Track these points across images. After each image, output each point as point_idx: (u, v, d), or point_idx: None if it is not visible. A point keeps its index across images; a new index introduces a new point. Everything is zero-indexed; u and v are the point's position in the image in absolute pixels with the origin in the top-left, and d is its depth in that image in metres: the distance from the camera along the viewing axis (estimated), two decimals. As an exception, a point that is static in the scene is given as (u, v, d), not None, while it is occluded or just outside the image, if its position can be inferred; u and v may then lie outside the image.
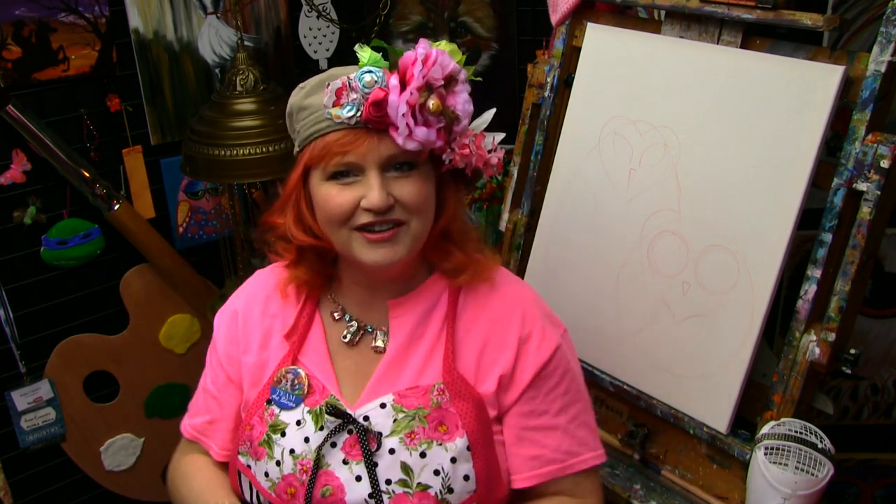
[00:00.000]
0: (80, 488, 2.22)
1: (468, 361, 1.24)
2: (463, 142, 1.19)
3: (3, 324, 1.98)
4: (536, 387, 1.24)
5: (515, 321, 1.26)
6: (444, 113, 1.14)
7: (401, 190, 1.15)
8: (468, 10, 2.17)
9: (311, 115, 1.17)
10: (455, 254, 1.26)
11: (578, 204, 1.64)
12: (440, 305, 1.27)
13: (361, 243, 1.17)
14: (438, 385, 1.22)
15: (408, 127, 1.11)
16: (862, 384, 2.03)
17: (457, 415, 1.21)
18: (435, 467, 1.18)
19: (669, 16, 1.53)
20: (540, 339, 1.25)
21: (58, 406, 2.10)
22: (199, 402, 1.38)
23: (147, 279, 2.18)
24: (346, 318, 1.29)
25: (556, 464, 1.25)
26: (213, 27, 2.14)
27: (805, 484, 1.26)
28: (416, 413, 1.21)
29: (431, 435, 1.19)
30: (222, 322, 1.37)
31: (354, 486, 1.18)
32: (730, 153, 1.43)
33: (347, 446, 1.20)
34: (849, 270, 1.31)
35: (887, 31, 1.26)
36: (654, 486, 1.54)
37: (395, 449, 1.19)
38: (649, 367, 1.55)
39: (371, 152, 1.14)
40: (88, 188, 1.96)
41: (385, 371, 1.24)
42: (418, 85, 1.11)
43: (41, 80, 1.90)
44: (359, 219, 1.16)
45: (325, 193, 1.17)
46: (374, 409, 1.21)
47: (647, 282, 1.54)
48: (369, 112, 1.12)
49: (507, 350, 1.24)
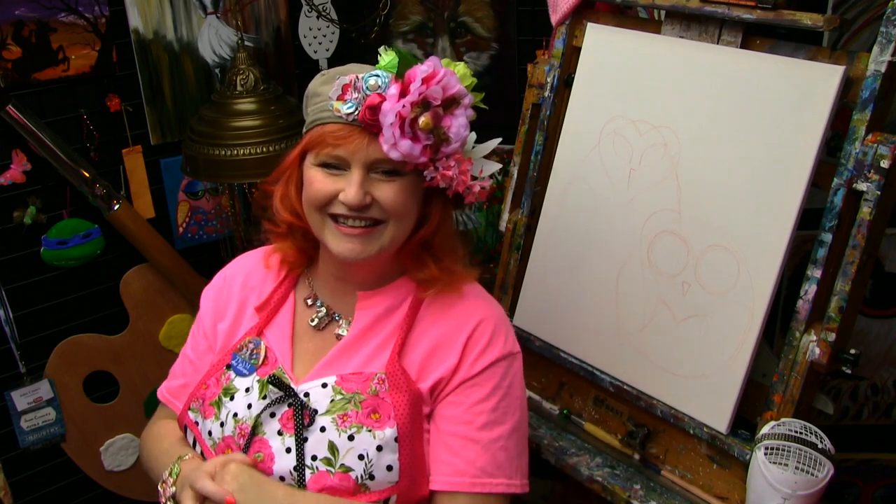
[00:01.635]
0: (80, 488, 2.22)
1: (414, 358, 1.28)
2: (449, 163, 1.22)
3: (3, 324, 1.98)
4: (464, 393, 1.27)
5: (468, 326, 1.29)
6: (435, 132, 1.17)
7: (381, 192, 1.21)
8: (468, 10, 2.17)
9: (320, 102, 1.23)
10: (430, 266, 1.30)
11: (578, 204, 1.64)
12: (405, 304, 1.32)
13: (333, 232, 1.24)
14: (380, 374, 1.26)
15: (393, 136, 1.15)
16: (862, 384, 2.03)
17: (391, 405, 1.24)
18: (360, 452, 1.22)
19: (669, 16, 1.53)
20: (482, 349, 1.28)
21: (58, 406, 2.10)
22: (177, 367, 1.46)
23: (147, 279, 2.18)
24: (318, 303, 1.36)
25: (467, 476, 1.25)
26: (213, 27, 2.14)
27: (805, 484, 1.26)
28: (353, 397, 1.25)
29: (363, 420, 1.23)
30: (209, 293, 1.45)
31: (283, 456, 1.23)
32: (730, 153, 1.43)
33: (284, 419, 1.25)
34: (849, 270, 1.31)
35: (887, 31, 1.26)
36: (654, 486, 1.54)
37: (326, 427, 1.23)
38: (649, 367, 1.55)
39: (359, 151, 1.19)
40: (88, 188, 1.96)
41: (336, 355, 1.30)
42: (413, 100, 1.15)
43: (41, 80, 1.90)
44: (334, 208, 1.22)
45: (312, 176, 1.23)
46: (315, 388, 1.27)
47: (647, 282, 1.54)
48: (365, 114, 1.17)
49: (453, 354, 1.28)
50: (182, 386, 1.42)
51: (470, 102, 1.21)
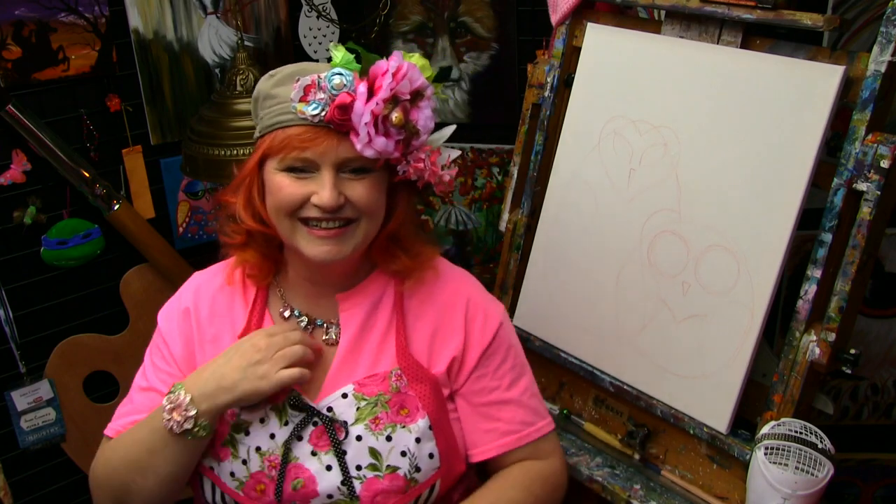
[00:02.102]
0: (81, 488, 2.21)
1: (420, 346, 1.30)
2: (419, 156, 1.22)
3: (3, 324, 1.98)
4: (484, 365, 1.31)
5: (461, 305, 1.32)
6: (406, 126, 1.17)
7: (353, 191, 1.19)
8: (468, 10, 2.17)
9: (277, 104, 1.19)
10: (401, 258, 1.30)
11: (578, 204, 1.65)
12: (387, 296, 1.32)
13: (305, 237, 1.20)
14: (395, 370, 1.27)
15: (368, 135, 1.14)
16: (862, 384, 2.03)
17: (416, 397, 1.26)
18: (401, 449, 1.23)
19: (669, 16, 1.53)
20: (484, 320, 1.33)
21: (58, 406, 2.10)
22: (136, 401, 1.33)
23: (147, 279, 2.18)
24: (296, 313, 1.32)
25: (513, 434, 1.32)
26: (213, 27, 2.14)
27: (805, 484, 1.26)
28: (378, 399, 1.26)
29: (394, 419, 1.25)
30: (172, 321, 1.36)
31: (325, 475, 1.22)
32: (730, 153, 1.43)
33: (314, 438, 1.24)
34: (849, 270, 1.31)
35: (887, 31, 1.26)
36: (654, 486, 1.54)
37: (362, 435, 1.24)
38: (649, 367, 1.55)
39: (329, 152, 1.16)
40: (88, 188, 1.96)
41: (341, 363, 1.28)
42: (385, 97, 1.14)
43: (41, 80, 1.90)
44: (306, 212, 1.19)
45: (279, 182, 1.19)
46: (336, 400, 1.26)
47: (647, 282, 1.54)
48: (333, 114, 1.14)
49: (456, 333, 1.31)
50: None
51: (432, 93, 1.21)
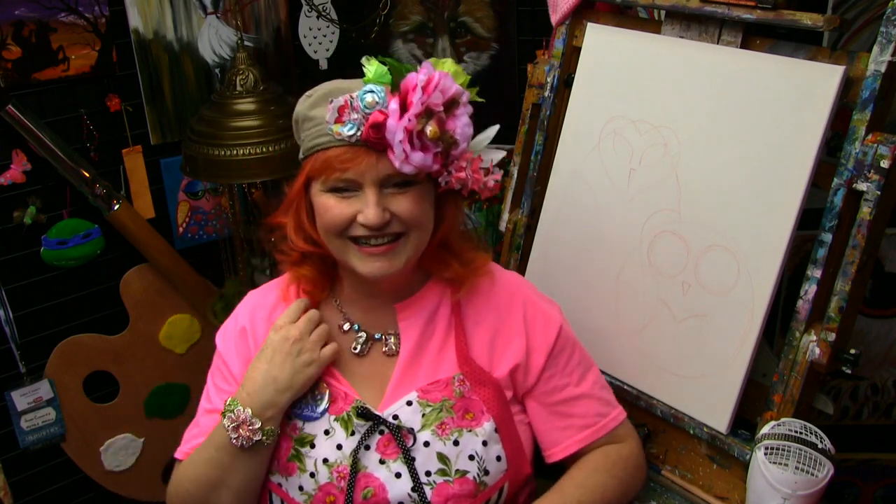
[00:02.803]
0: (80, 488, 2.22)
1: (480, 350, 1.30)
2: (460, 164, 1.20)
3: (3, 324, 1.98)
4: (552, 366, 1.32)
5: (518, 308, 1.33)
6: (442, 138, 1.15)
7: (398, 205, 1.18)
8: (468, 10, 2.17)
9: (315, 126, 1.19)
10: (453, 265, 1.30)
11: (578, 204, 1.64)
12: (444, 303, 1.32)
13: (357, 255, 1.21)
14: (458, 376, 1.28)
15: (404, 152, 1.13)
16: (862, 384, 2.03)
17: (480, 401, 1.27)
18: (469, 453, 1.24)
19: (669, 16, 1.53)
20: (544, 322, 1.33)
21: (58, 406, 2.10)
22: (202, 423, 1.33)
23: (147, 279, 2.18)
24: (356, 327, 1.32)
25: (590, 428, 1.33)
26: (213, 27, 2.14)
27: (805, 484, 1.26)
28: (443, 405, 1.26)
29: (460, 423, 1.25)
30: (229, 341, 1.35)
31: (395, 483, 1.22)
32: (730, 153, 1.43)
33: (381, 446, 1.24)
34: (849, 270, 1.31)
35: (887, 31, 1.26)
36: (654, 486, 1.54)
37: (430, 441, 1.24)
38: (649, 367, 1.55)
39: (370, 170, 1.16)
40: (88, 188, 1.96)
41: (402, 372, 1.28)
42: (417, 112, 1.12)
43: (41, 80, 1.90)
44: (355, 231, 1.19)
45: (324, 203, 1.19)
46: (401, 408, 1.25)
47: (647, 282, 1.54)
48: (368, 133, 1.13)
49: (517, 337, 1.31)
50: None
51: (467, 99, 1.20)
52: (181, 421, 2.31)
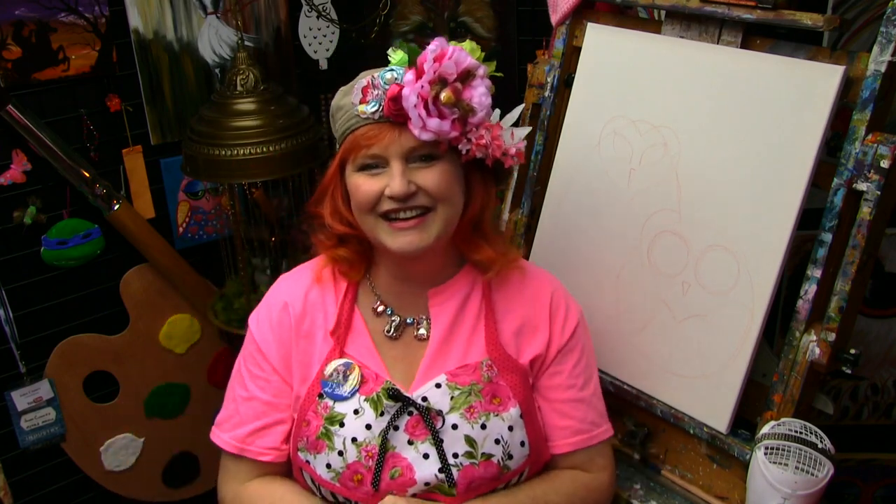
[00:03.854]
0: (80, 488, 2.22)
1: (507, 338, 1.34)
2: (480, 133, 1.23)
3: (3, 324, 1.98)
4: (560, 362, 1.35)
5: (545, 302, 1.37)
6: (458, 105, 1.19)
7: (423, 178, 1.22)
8: (468, 10, 2.17)
9: (345, 113, 1.26)
10: (485, 248, 1.33)
11: (578, 204, 1.65)
12: (475, 292, 1.35)
13: (386, 230, 1.24)
14: (486, 361, 1.31)
15: (420, 118, 1.17)
16: (862, 384, 2.03)
17: (507, 387, 1.30)
18: (496, 437, 1.27)
19: (669, 16, 1.53)
20: (564, 318, 1.37)
21: (58, 406, 2.10)
22: (241, 411, 1.35)
23: (147, 279, 2.18)
24: (388, 311, 1.35)
25: (584, 434, 1.37)
26: (213, 27, 2.14)
27: (805, 484, 1.26)
28: (471, 388, 1.29)
29: (488, 407, 1.28)
30: (264, 323, 1.36)
31: (423, 463, 1.25)
32: (730, 153, 1.43)
33: (410, 427, 1.27)
34: (849, 270, 1.31)
35: (887, 31, 1.26)
36: (654, 486, 1.54)
37: (458, 424, 1.26)
38: (649, 367, 1.55)
39: (393, 144, 1.21)
40: (88, 188, 1.96)
41: (433, 356, 1.31)
42: (430, 79, 1.17)
43: (41, 80, 1.90)
44: (383, 206, 1.23)
45: (355, 183, 1.25)
46: (430, 390, 1.28)
47: (647, 282, 1.54)
48: (389, 107, 1.19)
49: (542, 328, 1.35)
50: (256, 430, 1.34)
51: (485, 72, 1.23)
52: (181, 421, 2.31)
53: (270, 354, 1.34)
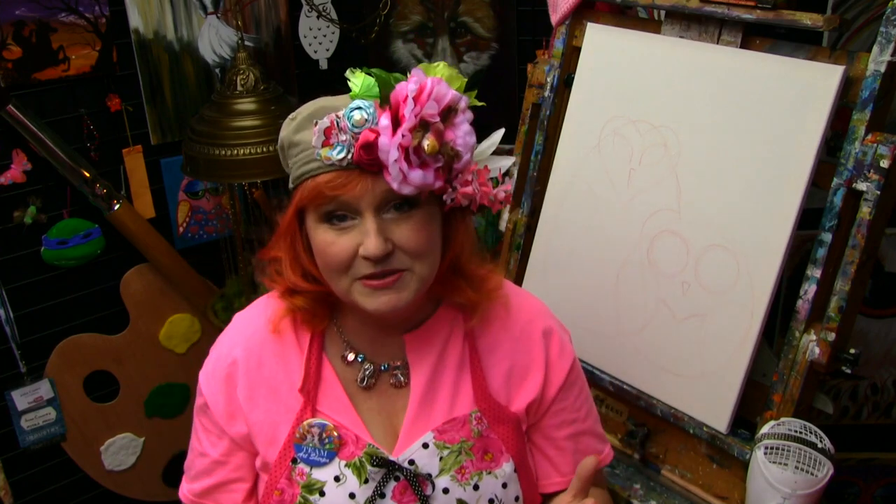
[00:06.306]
0: (80, 488, 2.22)
1: (497, 383, 1.21)
2: (465, 178, 1.08)
3: (3, 324, 1.98)
4: (563, 399, 1.24)
5: (537, 338, 1.23)
6: (442, 151, 1.02)
7: (400, 234, 1.05)
8: (468, 10, 2.17)
9: (302, 152, 1.08)
10: (464, 290, 1.18)
11: (578, 204, 1.65)
12: (456, 332, 1.21)
13: (362, 291, 1.08)
14: (475, 413, 1.18)
15: (401, 172, 1.00)
16: (862, 384, 2.03)
17: (499, 440, 1.18)
18: (489, 497, 1.16)
19: (669, 16, 1.53)
20: (560, 352, 1.24)
21: (58, 406, 2.10)
22: (196, 465, 1.25)
23: (147, 279, 2.18)
24: (360, 358, 1.20)
25: None
26: (213, 27, 2.14)
27: (805, 483, 1.26)
28: (461, 447, 1.17)
29: (479, 466, 1.17)
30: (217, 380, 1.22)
31: None
32: (730, 153, 1.43)
33: (398, 494, 1.14)
34: (849, 270, 1.31)
35: (887, 31, 1.26)
36: (654, 486, 1.54)
37: (449, 488, 1.15)
38: (649, 367, 1.55)
39: (366, 194, 1.03)
40: (88, 188, 1.96)
41: (416, 410, 1.18)
42: (411, 125, 1.00)
43: (41, 80, 1.90)
44: (359, 269, 1.06)
45: (322, 240, 1.07)
46: (417, 452, 1.16)
47: (647, 282, 1.54)
48: (360, 155, 1.01)
49: (536, 368, 1.22)
50: (214, 486, 1.22)
51: (466, 105, 1.06)
52: (181, 420, 2.31)
53: (219, 414, 1.20)
